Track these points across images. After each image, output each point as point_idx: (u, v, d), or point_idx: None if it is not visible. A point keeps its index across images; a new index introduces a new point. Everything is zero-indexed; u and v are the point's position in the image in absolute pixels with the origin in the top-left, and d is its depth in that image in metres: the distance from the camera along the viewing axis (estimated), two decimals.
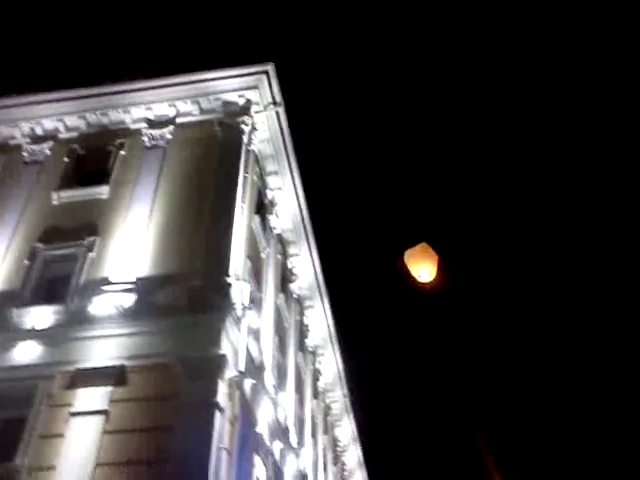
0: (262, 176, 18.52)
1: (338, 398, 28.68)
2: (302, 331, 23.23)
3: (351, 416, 30.54)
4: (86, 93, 17.54)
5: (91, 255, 14.51)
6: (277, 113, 17.61)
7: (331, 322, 25.25)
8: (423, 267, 9.68)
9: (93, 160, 16.80)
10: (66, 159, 16.89)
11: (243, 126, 16.61)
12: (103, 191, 15.84)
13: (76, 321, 13.12)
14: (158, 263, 14.11)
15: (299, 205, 20.23)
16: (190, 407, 11.51)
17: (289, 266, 21.55)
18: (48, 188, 16.15)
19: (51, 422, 11.89)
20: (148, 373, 12.31)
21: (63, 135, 17.56)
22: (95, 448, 11.37)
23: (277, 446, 16.09)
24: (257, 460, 14.57)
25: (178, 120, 17.04)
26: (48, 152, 17.13)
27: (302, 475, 18.86)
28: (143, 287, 13.60)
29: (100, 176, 16.26)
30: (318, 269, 22.85)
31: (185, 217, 14.99)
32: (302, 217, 20.65)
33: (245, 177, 15.91)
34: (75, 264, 14.37)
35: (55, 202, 15.89)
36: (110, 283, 13.76)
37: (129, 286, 13.62)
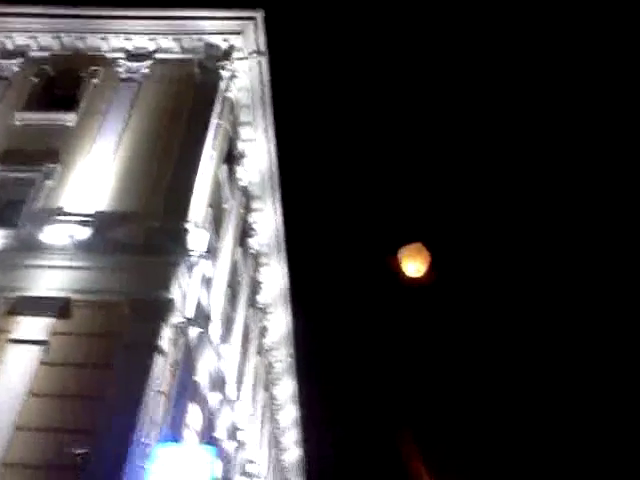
0: (235, 126, 18.17)
1: (282, 358, 28.95)
2: (255, 287, 23.23)
3: (292, 377, 30.92)
4: (63, 12, 16.76)
5: (49, 183, 14.07)
6: (259, 63, 17.21)
7: (285, 282, 25.28)
8: (414, 261, 10.05)
9: (63, 84, 16.18)
10: (35, 79, 16.20)
11: (223, 71, 16.20)
12: (70, 118, 15.30)
13: (25, 248, 12.77)
14: (118, 200, 13.81)
15: (269, 160, 19.98)
16: (131, 347, 11.45)
17: (250, 221, 21.39)
18: (12, 107, 15.49)
19: None
20: (93, 309, 12.14)
21: (35, 53, 16.81)
22: (30, 377, 11.23)
23: (214, 397, 16.17)
24: (193, 408, 14.64)
25: (157, 55, 16.50)
26: (16, 69, 16.38)
27: (236, 428, 19.06)
28: (99, 222, 13.30)
29: (69, 102, 15.68)
30: (279, 228, 22.75)
31: (151, 156, 14.64)
32: (271, 173, 20.42)
33: (218, 124, 15.59)
34: (31, 189, 13.91)
35: (18, 123, 15.27)
36: (65, 214, 13.41)
37: (85, 219, 13.29)
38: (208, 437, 15.72)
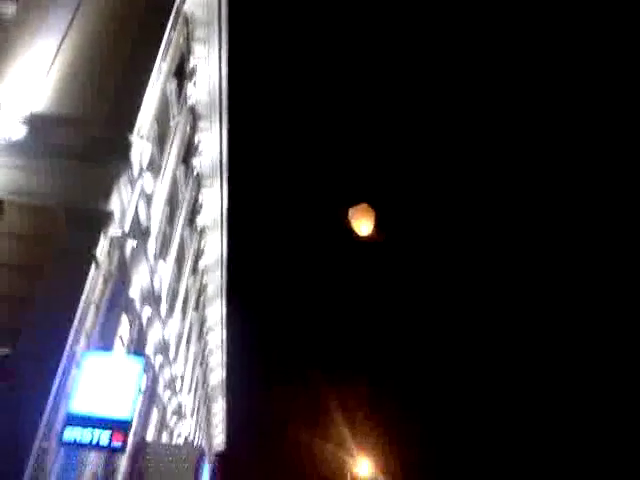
0: (188, 40, 17.57)
1: (215, 280, 29.14)
2: (194, 208, 23.06)
3: (223, 300, 31.25)
4: None
5: None
6: None
7: (224, 206, 25.18)
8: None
9: None
10: None
11: None
12: (8, 7, 14.37)
13: None
14: (59, 102, 13.23)
15: (220, 80, 19.51)
16: (66, 254, 11.29)
17: (195, 140, 21.02)
18: None
19: None
20: (29, 212, 11.81)
21: None
22: None
23: (146, 311, 16.27)
24: (124, 320, 14.71)
25: None
26: None
27: (165, 344, 19.28)
28: (37, 123, 12.72)
29: None
30: (224, 150, 22.47)
31: (97, 61, 13.97)
32: (220, 93, 19.98)
33: (170, 36, 15.03)
34: None
35: None
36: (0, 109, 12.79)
37: (21, 118, 12.72)
38: (137, 350, 15.88)
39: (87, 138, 12.71)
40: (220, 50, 18.56)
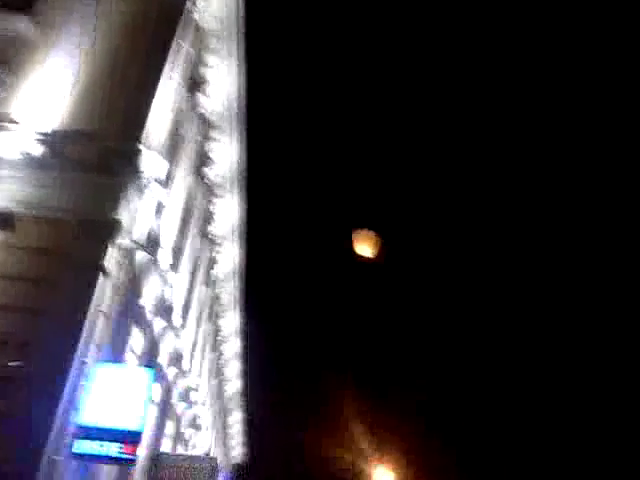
0: (200, 51, 17.63)
1: (229, 290, 29.12)
2: (207, 218, 23.09)
3: (237, 310, 31.22)
4: None
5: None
6: None
7: (238, 217, 25.20)
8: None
9: None
10: None
11: None
12: (24, 23, 14.49)
13: None
14: (74, 117, 13.31)
15: (237, 92, 19.62)
16: (75, 265, 11.34)
17: (207, 150, 21.05)
18: None
19: None
20: (39, 225, 11.90)
21: None
22: None
23: (158, 322, 16.23)
24: (135, 331, 14.68)
25: None
26: None
27: (178, 355, 19.24)
28: (51, 137, 12.84)
29: (22, 5, 14.84)
30: (237, 161, 22.49)
31: (110, 73, 14.06)
32: (234, 103, 20.01)
33: (181, 46, 15.08)
34: None
35: None
36: (14, 122, 12.88)
37: (38, 136, 12.82)
38: (149, 361, 15.84)
39: (99, 151, 12.78)
40: (237, 61, 18.63)
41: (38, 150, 12.56)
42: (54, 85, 13.60)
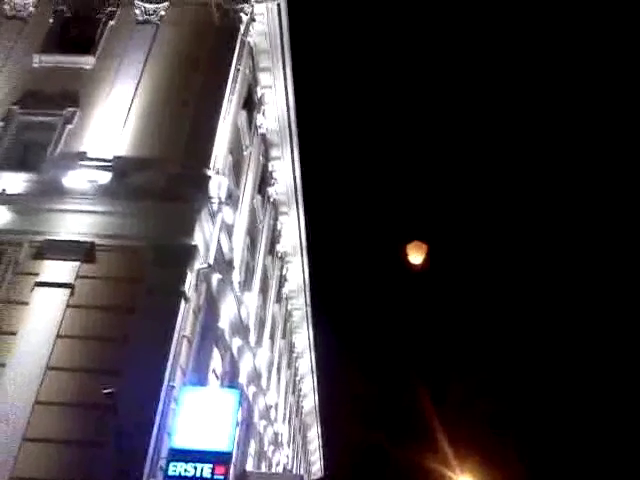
0: (254, 71, 17.84)
1: (300, 306, 29.18)
2: (274, 236, 23.23)
3: (309, 325, 31.22)
4: None
5: (69, 127, 13.94)
6: (279, 6, 16.77)
7: (303, 231, 25.26)
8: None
9: (80, 26, 15.80)
10: (51, 20, 15.86)
11: (242, 14, 15.76)
12: (88, 61, 15.03)
13: (48, 192, 12.73)
14: (139, 144, 13.68)
15: (287, 107, 19.68)
16: (156, 293, 11.51)
17: (269, 169, 21.23)
18: (30, 49, 15.19)
19: (16, 289, 11.77)
20: (117, 254, 12.18)
21: None
22: (57, 320, 11.37)
23: (236, 342, 16.37)
24: (216, 353, 14.83)
25: None
26: (32, 9, 16.01)
27: (257, 373, 19.35)
28: (121, 167, 13.20)
29: (86, 45, 15.36)
30: (298, 176, 22.58)
31: (171, 101, 14.40)
32: (289, 120, 20.13)
33: (237, 69, 15.27)
34: (52, 134, 13.79)
35: (36, 65, 14.99)
36: (87, 158, 13.32)
37: (106, 164, 13.21)
38: (231, 381, 15.97)
39: (167, 177, 13.03)
40: (285, 77, 18.72)
41: (104, 178, 12.90)
42: (118, 114, 13.99)
